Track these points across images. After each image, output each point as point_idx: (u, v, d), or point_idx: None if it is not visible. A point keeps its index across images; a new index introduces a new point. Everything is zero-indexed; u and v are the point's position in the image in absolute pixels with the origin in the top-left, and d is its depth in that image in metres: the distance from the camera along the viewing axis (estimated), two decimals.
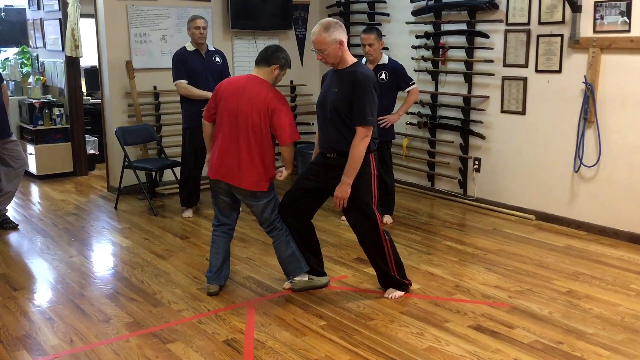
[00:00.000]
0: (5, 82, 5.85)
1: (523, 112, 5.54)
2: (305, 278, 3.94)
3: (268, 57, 3.76)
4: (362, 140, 3.52)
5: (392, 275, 3.83)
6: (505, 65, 5.62)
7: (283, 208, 3.86)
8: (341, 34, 3.55)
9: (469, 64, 5.92)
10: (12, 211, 5.83)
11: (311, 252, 3.98)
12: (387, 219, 5.42)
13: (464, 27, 5.89)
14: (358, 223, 3.74)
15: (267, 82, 3.75)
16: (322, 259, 4.06)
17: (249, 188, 3.73)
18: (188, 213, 5.75)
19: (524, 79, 5.47)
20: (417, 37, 6.32)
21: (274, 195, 3.86)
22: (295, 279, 3.94)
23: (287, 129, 3.68)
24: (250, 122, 3.68)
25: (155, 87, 6.53)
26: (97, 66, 6.65)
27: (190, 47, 5.54)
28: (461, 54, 5.98)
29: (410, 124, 6.48)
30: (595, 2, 4.88)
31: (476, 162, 6.01)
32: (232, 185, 3.77)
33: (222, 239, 3.96)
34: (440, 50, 6.16)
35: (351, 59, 3.63)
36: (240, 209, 4.07)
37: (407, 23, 6.44)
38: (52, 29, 7.42)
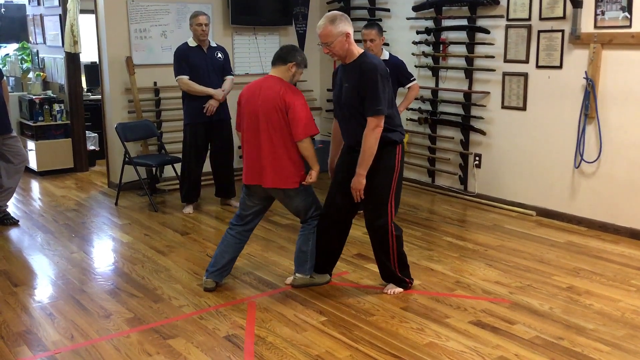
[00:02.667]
0: (5, 78, 5.84)
1: (524, 108, 5.53)
2: (307, 275, 3.95)
3: (284, 56, 3.75)
4: (372, 131, 3.47)
5: (392, 269, 3.83)
6: (505, 60, 5.61)
7: (325, 214, 3.83)
8: (347, 27, 3.51)
9: (469, 60, 5.91)
10: (12, 207, 5.83)
11: (330, 254, 3.97)
12: None
13: (464, 22, 5.88)
14: (369, 217, 3.73)
15: (282, 79, 3.73)
16: (336, 261, 4.05)
17: (278, 186, 3.72)
18: (188, 209, 5.74)
19: (525, 75, 5.47)
20: (418, 32, 6.31)
21: (309, 194, 3.82)
22: (296, 275, 3.95)
23: (301, 123, 3.63)
24: (269, 120, 3.66)
25: (155, 83, 6.53)
26: (97, 62, 6.65)
27: (192, 43, 5.54)
28: (462, 49, 5.97)
29: (411, 120, 6.47)
30: None
31: (477, 158, 6.01)
32: (268, 189, 3.76)
33: (235, 240, 3.93)
34: (441, 46, 6.15)
35: (358, 51, 3.58)
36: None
37: (407, 19, 6.43)
38: (52, 25, 7.41)
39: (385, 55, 5.15)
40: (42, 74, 7.75)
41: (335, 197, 3.80)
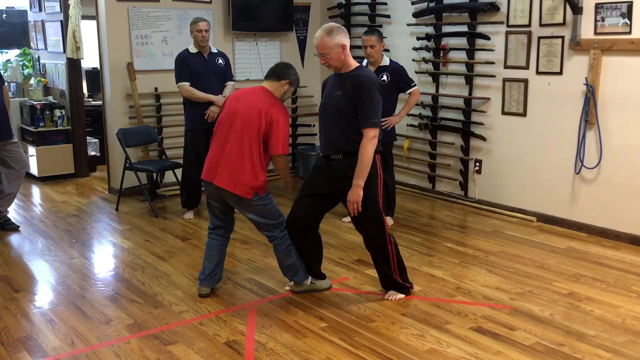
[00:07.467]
0: (6, 83, 5.86)
1: (524, 114, 5.54)
2: (307, 282, 3.95)
3: (279, 72, 3.78)
4: (370, 142, 3.54)
5: (394, 278, 3.83)
6: (506, 66, 5.62)
7: (291, 220, 3.82)
8: (344, 38, 3.58)
9: (469, 66, 5.92)
10: (13, 213, 5.83)
11: (314, 259, 3.97)
12: (388, 220, 5.41)
13: (464, 28, 5.89)
14: (364, 226, 3.74)
15: (272, 94, 3.76)
16: (321, 262, 4.05)
17: (228, 188, 3.68)
18: (189, 215, 5.75)
19: (525, 81, 5.47)
20: (418, 38, 6.33)
21: (266, 205, 3.76)
22: (293, 283, 3.96)
23: (280, 139, 3.66)
24: (247, 122, 3.66)
25: (156, 89, 6.54)
26: (99, 68, 6.66)
27: (192, 49, 5.55)
28: (462, 55, 5.98)
29: (411, 125, 6.48)
30: (596, 4, 4.88)
31: (477, 164, 6.01)
32: (220, 189, 3.72)
33: (216, 242, 3.93)
34: (441, 52, 6.16)
35: (354, 63, 3.67)
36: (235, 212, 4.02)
37: (408, 25, 6.44)
38: (53, 31, 7.42)
39: (386, 61, 5.16)
40: (43, 79, 7.76)
41: (300, 207, 3.79)
